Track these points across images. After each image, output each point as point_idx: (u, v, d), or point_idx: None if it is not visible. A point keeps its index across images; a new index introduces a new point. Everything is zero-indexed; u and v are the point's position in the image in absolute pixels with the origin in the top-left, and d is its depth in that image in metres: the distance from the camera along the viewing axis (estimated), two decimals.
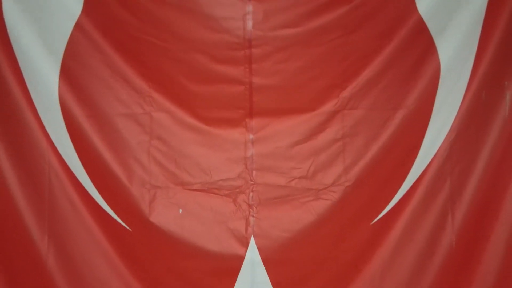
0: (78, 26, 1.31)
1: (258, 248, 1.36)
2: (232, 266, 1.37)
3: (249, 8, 1.33)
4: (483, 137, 1.35)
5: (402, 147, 1.37)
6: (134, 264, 1.38)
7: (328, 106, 1.35)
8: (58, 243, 1.36)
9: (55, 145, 1.34)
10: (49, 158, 1.33)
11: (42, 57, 1.32)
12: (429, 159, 1.37)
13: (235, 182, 1.37)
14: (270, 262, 1.37)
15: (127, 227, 1.36)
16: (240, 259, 1.36)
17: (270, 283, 1.38)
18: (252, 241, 1.36)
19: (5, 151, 1.32)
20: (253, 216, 1.36)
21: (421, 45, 1.33)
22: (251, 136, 1.37)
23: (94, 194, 1.35)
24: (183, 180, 1.36)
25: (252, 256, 1.36)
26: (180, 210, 1.36)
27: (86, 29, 1.31)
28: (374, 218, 1.38)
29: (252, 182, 1.36)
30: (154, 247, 1.38)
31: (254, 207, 1.36)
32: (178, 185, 1.36)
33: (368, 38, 1.34)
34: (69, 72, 1.33)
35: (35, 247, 1.34)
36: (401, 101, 1.35)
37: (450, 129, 1.36)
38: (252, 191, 1.36)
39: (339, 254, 1.40)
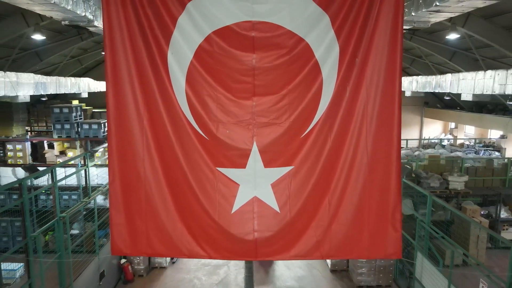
0: (191, 62, 3.26)
1: (257, 145, 3.33)
2: (246, 152, 3.34)
3: (254, 56, 3.28)
4: (340, 103, 3.33)
5: (311, 107, 3.33)
6: (209, 154, 3.36)
7: (282, 92, 3.31)
8: (179, 144, 3.38)
9: (180, 106, 3.31)
10: (177, 110, 3.30)
11: (178, 74, 3.25)
12: (322, 113, 3.33)
13: (248, 121, 3.32)
14: (261, 151, 3.34)
15: (206, 137, 3.35)
16: (249, 150, 3.34)
17: (261, 160, 3.36)
18: (255, 142, 3.33)
19: (164, 106, 3.29)
20: (255, 132, 3.36)
21: (315, 70, 3.28)
22: (254, 103, 3.32)
23: (194, 124, 3.33)
24: (228, 120, 3.33)
25: (254, 148, 3.33)
26: (227, 131, 3.33)
27: (194, 64, 3.26)
28: (301, 135, 3.36)
29: (254, 121, 3.33)
30: (217, 146, 3.34)
31: (255, 129, 3.33)
32: (227, 121, 3.32)
33: (296, 68, 3.28)
34: (188, 81, 3.27)
35: (174, 149, 3.39)
36: (309, 90, 3.31)
37: (329, 102, 3.32)
38: (255, 123, 3.33)
39: (289, 149, 3.37)
